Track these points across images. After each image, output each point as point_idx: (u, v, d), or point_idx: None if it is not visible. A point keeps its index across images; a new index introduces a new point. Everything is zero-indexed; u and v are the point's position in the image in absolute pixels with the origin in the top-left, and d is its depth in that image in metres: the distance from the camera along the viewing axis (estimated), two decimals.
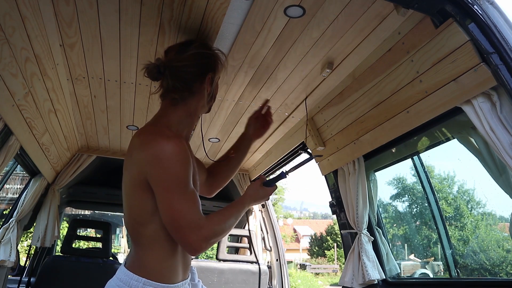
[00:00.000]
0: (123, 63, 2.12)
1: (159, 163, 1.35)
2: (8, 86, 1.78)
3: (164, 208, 1.34)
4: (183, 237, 1.33)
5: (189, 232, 1.32)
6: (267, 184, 1.66)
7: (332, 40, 1.88)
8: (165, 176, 1.35)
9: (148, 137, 1.42)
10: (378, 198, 2.59)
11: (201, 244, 1.34)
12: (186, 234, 1.32)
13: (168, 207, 1.33)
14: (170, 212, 1.33)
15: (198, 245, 1.34)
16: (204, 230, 1.34)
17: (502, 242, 8.14)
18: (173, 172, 1.35)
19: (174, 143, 1.37)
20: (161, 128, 1.46)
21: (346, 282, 2.45)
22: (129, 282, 1.35)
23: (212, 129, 3.06)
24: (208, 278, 3.36)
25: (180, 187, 1.35)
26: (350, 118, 2.32)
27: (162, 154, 1.35)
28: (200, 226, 1.33)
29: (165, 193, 1.34)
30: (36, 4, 1.63)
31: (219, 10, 1.66)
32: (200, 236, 1.33)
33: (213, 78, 1.59)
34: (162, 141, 1.38)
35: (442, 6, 1.49)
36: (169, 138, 1.39)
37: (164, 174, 1.35)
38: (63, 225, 6.72)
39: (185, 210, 1.33)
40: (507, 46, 1.39)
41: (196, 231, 1.32)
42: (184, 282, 1.49)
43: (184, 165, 1.37)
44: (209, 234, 1.35)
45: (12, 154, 2.18)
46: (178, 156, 1.36)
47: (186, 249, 1.39)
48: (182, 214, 1.33)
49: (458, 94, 1.57)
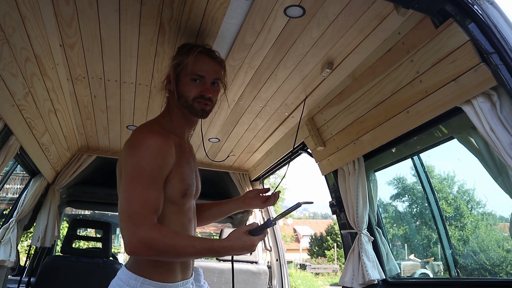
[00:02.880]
0: (123, 63, 2.12)
1: (132, 151, 1.37)
2: (8, 86, 1.78)
3: (120, 194, 1.31)
4: (122, 228, 1.25)
5: (129, 224, 1.25)
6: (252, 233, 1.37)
7: (332, 40, 1.88)
8: (131, 163, 1.34)
9: (136, 132, 1.46)
10: (378, 198, 2.59)
11: (133, 241, 1.23)
12: (125, 225, 1.25)
13: (123, 193, 1.30)
14: (121, 199, 1.30)
15: (130, 242, 1.23)
16: (143, 230, 1.23)
17: (502, 242, 8.14)
18: (139, 161, 1.33)
19: (152, 136, 1.38)
20: (150, 123, 1.52)
21: (346, 282, 2.45)
22: (128, 281, 1.37)
23: (212, 129, 3.06)
24: (208, 278, 3.36)
25: (142, 179, 1.31)
26: (350, 118, 2.32)
27: (137, 143, 1.37)
28: (141, 223, 1.24)
29: (125, 179, 1.32)
30: (36, 4, 1.63)
31: (219, 10, 1.66)
32: (136, 234, 1.23)
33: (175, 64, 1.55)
34: (143, 133, 1.41)
35: (442, 6, 1.49)
36: (151, 131, 1.41)
37: (130, 161, 1.35)
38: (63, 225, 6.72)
39: (136, 202, 1.27)
40: (507, 46, 1.39)
41: (135, 226, 1.24)
42: (186, 281, 1.49)
43: (155, 159, 1.34)
44: (146, 237, 1.23)
45: (12, 154, 2.18)
46: (151, 149, 1.34)
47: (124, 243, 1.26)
48: (131, 204, 1.27)
49: (458, 94, 1.57)
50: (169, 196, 1.41)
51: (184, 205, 1.50)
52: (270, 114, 2.77)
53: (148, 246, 1.23)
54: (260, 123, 2.94)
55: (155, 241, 1.24)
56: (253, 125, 2.98)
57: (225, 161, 3.89)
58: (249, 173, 4.12)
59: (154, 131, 1.42)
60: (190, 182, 1.50)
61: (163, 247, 1.25)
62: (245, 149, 3.52)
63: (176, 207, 1.46)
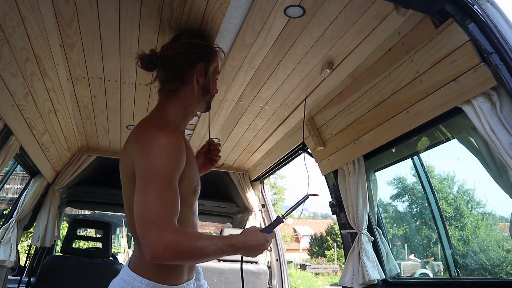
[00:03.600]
0: (123, 63, 2.12)
1: (144, 151, 1.28)
2: (8, 86, 1.78)
3: (137, 198, 1.23)
4: (143, 233, 1.18)
5: (151, 229, 1.17)
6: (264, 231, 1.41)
7: (332, 40, 1.88)
8: (147, 165, 1.26)
9: (142, 129, 1.39)
10: (378, 198, 2.59)
11: (158, 247, 1.16)
12: (146, 231, 1.17)
13: (140, 197, 1.22)
14: (139, 203, 1.22)
15: (155, 248, 1.16)
16: (168, 234, 1.18)
17: (502, 242, 8.14)
18: (156, 162, 1.26)
19: (165, 134, 1.31)
20: (157, 121, 1.44)
21: (346, 282, 2.45)
22: (132, 283, 1.32)
23: (212, 129, 3.06)
24: (208, 278, 3.36)
25: (159, 180, 1.24)
26: (350, 118, 2.32)
27: (150, 143, 1.29)
28: (164, 228, 1.18)
29: (141, 182, 1.24)
30: (36, 4, 1.63)
31: (219, 10, 1.66)
32: (160, 239, 1.16)
33: (206, 69, 1.53)
34: (154, 131, 1.34)
35: (442, 6, 1.49)
36: (162, 128, 1.35)
37: (146, 163, 1.27)
38: (63, 225, 6.72)
39: (155, 205, 1.20)
40: (507, 46, 1.39)
41: (158, 231, 1.17)
42: (189, 282, 1.47)
43: (171, 158, 1.28)
44: (172, 242, 1.17)
45: (12, 154, 2.18)
46: (166, 148, 1.28)
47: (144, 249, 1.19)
48: (151, 208, 1.20)
49: (458, 94, 1.57)
50: (183, 196, 1.36)
51: (194, 203, 1.48)
52: (270, 114, 2.77)
53: (174, 250, 1.17)
54: (260, 123, 2.94)
55: (181, 244, 1.19)
56: (253, 125, 2.98)
57: (225, 161, 3.89)
58: (249, 173, 4.12)
59: (166, 129, 1.36)
60: (198, 178, 1.48)
61: (190, 250, 1.21)
62: (245, 149, 3.52)
63: (187, 206, 1.42)
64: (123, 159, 1.40)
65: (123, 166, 1.39)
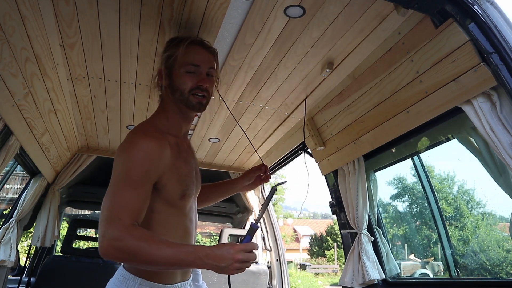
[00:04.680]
0: (123, 63, 2.12)
1: (120, 154, 1.33)
2: (8, 86, 1.78)
3: (105, 197, 1.26)
4: (99, 228, 1.19)
5: (103, 225, 1.18)
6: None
7: (332, 40, 1.88)
8: (118, 166, 1.31)
9: (130, 134, 1.41)
10: (378, 198, 2.59)
11: (104, 242, 1.16)
12: (100, 226, 1.19)
13: (105, 195, 1.26)
14: (103, 200, 1.25)
15: (101, 243, 1.16)
16: (114, 231, 1.17)
17: (502, 242, 8.13)
18: (125, 164, 1.30)
19: (144, 139, 1.34)
20: (145, 125, 1.48)
21: (346, 282, 2.45)
22: (126, 282, 1.35)
23: (212, 129, 3.06)
24: (208, 278, 3.35)
25: (125, 182, 1.26)
26: (350, 118, 2.32)
27: (127, 147, 1.33)
28: (112, 225, 1.18)
29: (110, 182, 1.29)
30: (36, 4, 1.63)
31: (219, 10, 1.66)
32: (107, 235, 1.16)
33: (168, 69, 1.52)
34: (136, 134, 1.38)
35: (442, 6, 1.49)
36: (144, 133, 1.38)
37: (118, 165, 1.31)
38: (63, 225, 6.72)
39: (113, 203, 1.22)
40: (507, 46, 1.39)
41: (107, 227, 1.17)
42: (184, 283, 1.48)
43: (142, 162, 1.30)
44: (116, 238, 1.16)
45: (12, 154, 2.18)
46: (139, 152, 1.30)
47: None
48: (108, 205, 1.22)
49: (458, 94, 1.57)
50: (168, 199, 1.39)
51: (185, 206, 1.47)
52: (270, 114, 2.77)
53: (117, 248, 1.16)
54: (260, 123, 2.94)
55: (126, 242, 1.15)
56: (253, 125, 2.98)
57: (225, 161, 3.89)
58: None
59: (148, 134, 1.38)
60: (188, 182, 1.46)
61: (134, 250, 1.15)
62: (245, 149, 3.52)
63: (176, 209, 1.43)
64: None
65: None
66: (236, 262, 1.19)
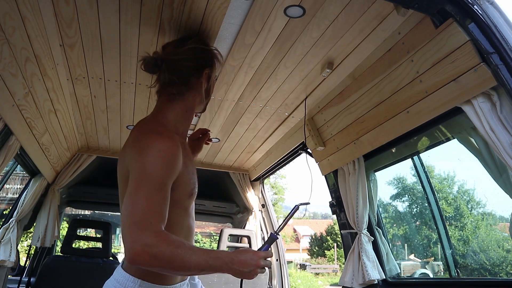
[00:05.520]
0: (123, 63, 2.12)
1: (139, 156, 1.28)
2: (8, 86, 1.78)
3: (126, 199, 1.21)
4: (126, 234, 1.14)
5: (133, 230, 1.14)
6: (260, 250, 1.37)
7: (332, 40, 1.88)
8: (139, 169, 1.26)
9: (139, 134, 1.39)
10: (378, 198, 2.59)
11: (137, 249, 1.12)
12: (129, 232, 1.14)
13: (128, 199, 1.20)
14: (127, 204, 1.19)
15: (134, 249, 1.12)
16: (148, 237, 1.13)
17: (502, 242, 8.13)
18: (149, 166, 1.25)
19: (161, 139, 1.32)
20: (155, 125, 1.44)
21: (346, 282, 2.45)
22: (125, 283, 1.32)
23: (212, 129, 3.06)
24: (208, 278, 3.35)
25: (150, 184, 1.22)
26: (350, 118, 2.32)
27: (145, 148, 1.29)
28: (146, 230, 1.14)
29: (133, 184, 1.23)
30: (36, 4, 1.63)
31: (219, 10, 1.66)
32: (141, 240, 1.12)
33: (210, 74, 1.57)
34: (150, 136, 1.34)
35: (442, 6, 1.49)
36: (160, 134, 1.35)
37: (139, 167, 1.26)
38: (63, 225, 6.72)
39: (141, 207, 1.18)
40: (507, 46, 1.39)
41: (140, 232, 1.14)
42: (183, 283, 1.47)
43: (165, 164, 1.28)
44: (151, 245, 1.13)
45: (12, 154, 2.18)
46: (160, 153, 1.28)
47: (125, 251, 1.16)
48: (136, 210, 1.18)
49: (458, 94, 1.57)
50: (177, 198, 1.35)
51: (189, 205, 1.47)
52: (270, 114, 2.77)
53: (153, 254, 1.13)
54: (260, 123, 2.94)
55: (161, 248, 1.14)
56: (253, 125, 2.98)
57: (225, 161, 3.89)
58: (249, 173, 4.12)
59: (164, 134, 1.36)
60: (195, 181, 1.47)
61: (170, 256, 1.14)
62: (245, 149, 3.52)
63: (183, 209, 1.42)
64: (120, 163, 1.42)
65: (119, 170, 1.41)
66: (258, 268, 1.27)
